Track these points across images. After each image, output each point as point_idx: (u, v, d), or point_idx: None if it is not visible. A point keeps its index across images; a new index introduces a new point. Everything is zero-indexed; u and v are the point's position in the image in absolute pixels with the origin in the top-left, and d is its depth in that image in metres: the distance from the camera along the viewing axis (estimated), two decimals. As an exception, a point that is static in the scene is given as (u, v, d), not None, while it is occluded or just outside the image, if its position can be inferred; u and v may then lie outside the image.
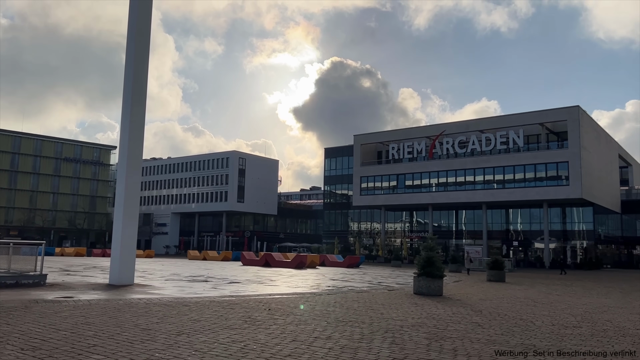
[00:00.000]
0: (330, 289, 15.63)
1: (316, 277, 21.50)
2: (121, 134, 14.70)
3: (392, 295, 13.89)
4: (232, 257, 43.71)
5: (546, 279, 27.47)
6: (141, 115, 14.76)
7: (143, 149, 14.96)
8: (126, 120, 14.47)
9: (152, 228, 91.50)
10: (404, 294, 14.16)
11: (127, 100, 14.49)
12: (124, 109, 14.62)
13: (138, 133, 14.71)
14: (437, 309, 10.84)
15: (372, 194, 65.30)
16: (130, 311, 8.86)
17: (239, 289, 14.38)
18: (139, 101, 14.69)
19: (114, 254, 14.31)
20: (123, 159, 14.47)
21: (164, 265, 30.81)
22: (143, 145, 14.92)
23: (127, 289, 13.13)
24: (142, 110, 14.79)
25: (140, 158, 14.84)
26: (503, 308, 11.59)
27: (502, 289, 17.84)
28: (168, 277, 18.77)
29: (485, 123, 57.48)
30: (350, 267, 32.93)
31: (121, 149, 14.64)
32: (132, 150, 14.47)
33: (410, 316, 9.56)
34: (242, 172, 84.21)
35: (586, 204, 53.12)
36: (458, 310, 10.74)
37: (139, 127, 14.68)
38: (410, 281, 20.66)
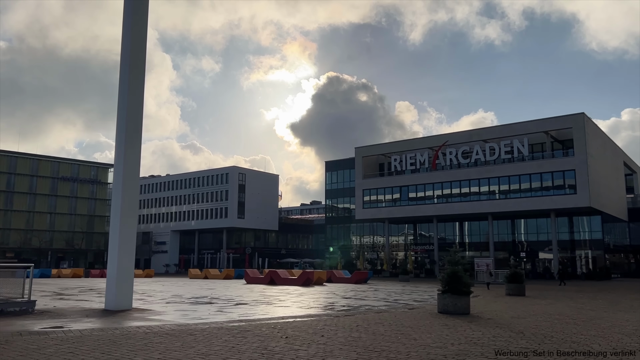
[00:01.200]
0: (346, 309, 14.38)
1: (327, 295, 20.23)
2: (117, 147, 13.59)
3: (415, 315, 12.66)
4: (234, 275, 42.30)
5: (564, 291, 26.23)
6: (137, 130, 13.72)
7: (140, 164, 13.85)
8: (121, 134, 13.40)
9: (152, 247, 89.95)
10: (428, 314, 12.94)
11: (122, 114, 13.46)
12: (118, 124, 13.59)
13: (134, 145, 13.61)
14: (473, 332, 9.63)
15: (375, 206, 64.11)
16: (127, 344, 7.64)
17: (247, 312, 13.13)
18: (135, 115, 13.67)
19: (110, 276, 13.09)
20: (119, 172, 13.35)
21: (165, 285, 29.47)
22: (140, 159, 13.83)
23: (124, 315, 11.89)
24: (138, 123, 13.78)
25: (137, 170, 13.72)
26: (544, 328, 10.38)
27: (528, 304, 16.60)
28: (169, 300, 17.50)
29: (488, 132, 56.60)
30: (358, 283, 31.62)
31: (117, 161, 13.53)
32: (129, 162, 13.36)
33: (449, 342, 8.35)
34: (242, 187, 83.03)
35: (594, 212, 52.01)
36: (497, 333, 9.52)
37: (134, 141, 13.61)
38: (426, 298, 19.43)
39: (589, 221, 54.52)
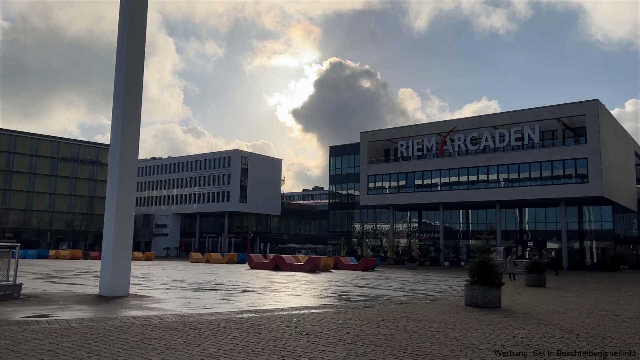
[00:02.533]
0: (364, 299, 13.18)
1: (338, 283, 19.05)
2: (113, 120, 12.30)
3: (442, 308, 11.45)
4: (237, 259, 41.20)
5: (583, 282, 25.06)
6: (136, 105, 12.47)
7: (139, 143, 12.60)
8: (119, 109, 12.12)
9: (152, 229, 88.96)
10: (454, 306, 11.72)
11: (119, 88, 12.17)
12: (115, 99, 12.30)
13: (132, 122, 12.35)
14: (517, 330, 8.41)
15: (380, 193, 62.85)
16: (120, 340, 6.42)
17: (256, 301, 11.93)
18: (133, 91, 12.42)
19: (105, 258, 11.86)
20: (115, 149, 12.08)
21: (165, 269, 28.34)
22: (139, 136, 12.58)
23: (120, 303, 10.69)
24: (137, 99, 12.54)
25: (136, 146, 12.46)
26: (594, 326, 9.16)
27: (557, 297, 15.40)
28: (170, 285, 16.31)
29: (498, 118, 55.09)
30: (366, 271, 30.46)
31: (113, 137, 12.26)
32: (126, 136, 12.10)
33: (497, 343, 7.13)
34: (244, 171, 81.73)
35: (605, 202, 50.74)
36: (546, 332, 8.29)
37: (133, 117, 12.36)
38: (444, 288, 18.25)
39: (599, 211, 53.28)
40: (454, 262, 59.43)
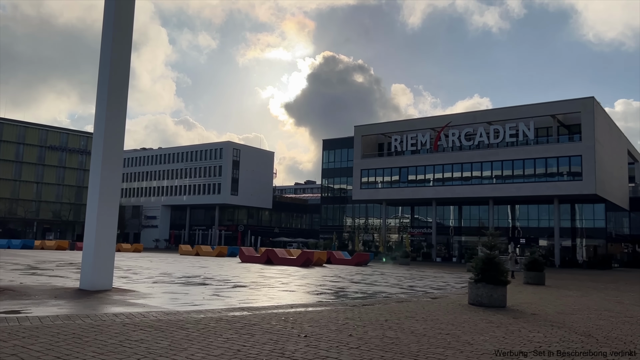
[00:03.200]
0: (362, 296, 12.51)
1: (333, 279, 18.38)
2: (97, 109, 11.50)
3: (446, 307, 10.82)
4: (227, 252, 40.42)
5: (579, 280, 24.65)
6: (121, 93, 11.72)
7: (125, 127, 11.84)
8: (103, 92, 11.31)
9: (142, 221, 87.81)
10: (458, 305, 11.10)
11: (104, 75, 11.40)
12: (100, 83, 11.48)
13: (118, 109, 11.58)
14: (531, 332, 7.79)
15: (373, 187, 62.32)
16: (95, 342, 5.69)
17: (248, 297, 11.21)
18: (118, 77, 11.68)
19: (87, 249, 11.08)
20: (100, 129, 11.28)
21: (153, 261, 27.50)
22: (125, 122, 11.81)
23: (101, 297, 9.93)
24: (121, 86, 11.77)
25: (122, 133, 11.69)
26: (609, 329, 8.57)
27: (560, 296, 14.86)
28: (157, 278, 15.54)
29: (493, 114, 54.72)
30: (359, 266, 29.85)
31: (97, 120, 11.46)
32: (111, 124, 11.31)
33: (515, 347, 6.49)
34: (236, 163, 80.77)
35: (598, 200, 50.59)
36: (562, 336, 7.68)
37: (118, 103, 11.59)
38: (442, 285, 17.68)
39: (592, 209, 53.16)
40: (446, 258, 59.16)
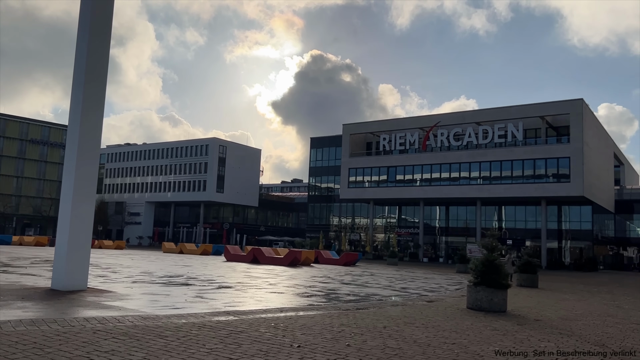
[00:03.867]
0: (355, 299, 11.85)
1: (322, 280, 17.69)
2: (73, 97, 10.67)
3: (444, 311, 10.21)
4: (212, 250, 39.50)
5: (569, 282, 24.30)
6: (99, 83, 10.90)
7: (102, 119, 11.02)
8: (80, 75, 10.48)
9: (125, 217, 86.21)
10: (457, 310, 10.51)
11: (80, 62, 10.54)
12: (76, 71, 10.62)
13: (95, 98, 10.76)
14: (539, 341, 7.21)
15: (361, 186, 61.79)
16: (58, 354, 4.94)
17: (234, 299, 10.47)
18: (96, 67, 10.83)
19: (60, 246, 10.25)
20: (75, 122, 10.46)
21: (134, 259, 26.55)
22: (103, 113, 10.99)
23: (73, 299, 9.13)
24: (99, 75, 10.94)
25: (99, 127, 10.88)
26: (620, 338, 8.03)
27: (558, 300, 14.38)
28: (137, 278, 14.70)
29: (482, 115, 54.48)
30: (348, 265, 29.24)
31: (72, 110, 10.63)
32: (87, 114, 10.49)
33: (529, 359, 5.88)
34: (222, 160, 79.63)
35: (585, 202, 50.66)
36: (573, 344, 7.10)
37: (95, 93, 10.79)
38: (434, 286, 17.11)
39: (579, 211, 53.26)
40: (433, 258, 58.90)
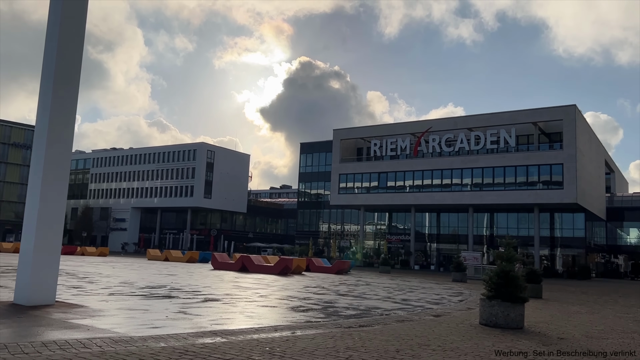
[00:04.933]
0: (355, 313, 10.72)
1: (317, 290, 16.53)
2: (41, 93, 9.55)
3: (457, 328, 9.15)
4: (198, 257, 38.12)
5: (568, 291, 23.44)
6: (71, 80, 9.76)
7: (75, 114, 9.89)
8: (49, 68, 9.37)
9: (110, 223, 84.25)
10: (470, 327, 9.45)
11: (50, 56, 9.46)
12: (44, 71, 9.53)
13: (66, 94, 9.67)
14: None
15: (352, 192, 60.84)
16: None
17: (222, 315, 9.28)
18: (69, 48, 9.69)
19: (24, 255, 9.03)
20: (44, 115, 9.33)
21: (116, 267, 25.16)
22: (75, 110, 9.87)
23: (36, 316, 7.91)
24: (74, 61, 9.69)
25: (70, 125, 9.77)
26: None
27: (570, 313, 13.41)
28: (115, 289, 13.42)
29: (474, 120, 53.88)
30: (340, 274, 28.11)
31: (41, 103, 9.50)
32: (56, 105, 9.35)
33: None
34: (210, 165, 78.22)
35: (578, 209, 50.19)
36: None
37: (68, 79, 9.66)
38: (435, 298, 16.05)
39: (571, 218, 52.77)
40: (424, 265, 58.03)
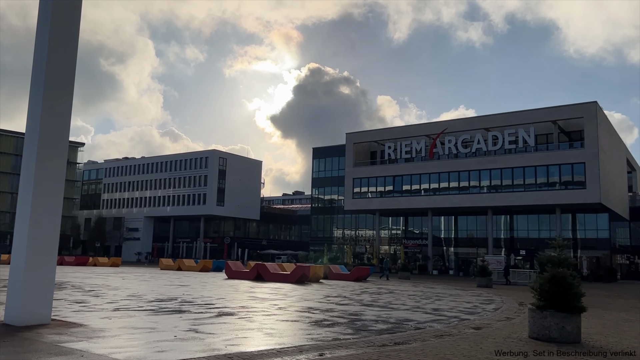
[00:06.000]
0: (386, 327, 9.56)
1: (338, 300, 15.37)
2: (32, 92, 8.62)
3: (503, 343, 7.97)
4: (212, 266, 37.14)
5: (602, 297, 22.01)
6: (62, 79, 8.80)
7: (69, 128, 8.93)
8: (40, 70, 8.44)
9: (123, 233, 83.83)
10: (520, 341, 8.27)
11: (40, 65, 8.50)
12: (34, 76, 8.58)
13: (59, 97, 8.70)
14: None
15: (366, 197, 59.61)
16: None
17: (238, 334, 8.20)
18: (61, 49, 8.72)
19: (15, 270, 8.05)
20: (34, 123, 8.41)
21: (126, 278, 24.24)
22: (69, 121, 8.92)
23: (27, 339, 6.90)
24: (65, 72, 8.74)
25: (64, 131, 8.80)
26: None
27: (620, 321, 12.12)
28: (121, 304, 12.39)
29: (491, 120, 52.44)
30: (359, 281, 26.93)
31: (31, 110, 8.58)
32: (48, 116, 8.42)
33: None
34: (222, 173, 77.51)
35: (601, 210, 48.45)
36: None
37: (60, 88, 8.58)
38: (467, 306, 14.80)
39: (595, 219, 51.01)
40: (442, 270, 56.53)
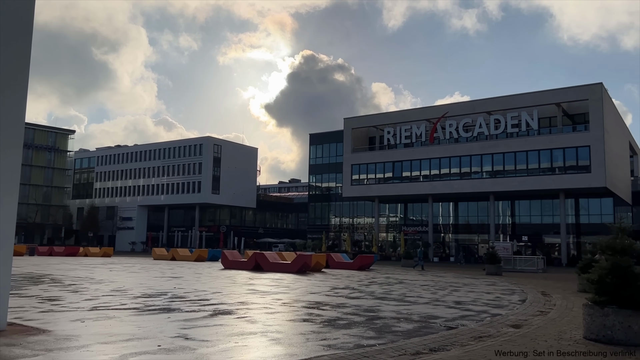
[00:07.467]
0: (411, 328, 8.12)
1: (348, 292, 13.91)
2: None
3: (558, 346, 6.57)
4: (207, 256, 35.66)
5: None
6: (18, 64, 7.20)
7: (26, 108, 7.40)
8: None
9: (116, 222, 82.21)
10: (577, 343, 6.86)
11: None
12: None
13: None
14: None
15: (364, 183, 58.21)
16: None
17: (237, 342, 6.67)
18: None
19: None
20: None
21: (114, 269, 22.71)
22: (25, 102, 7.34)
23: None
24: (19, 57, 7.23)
25: (20, 117, 7.25)
26: None
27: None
28: (101, 300, 10.83)
29: (493, 103, 50.94)
30: (363, 270, 25.57)
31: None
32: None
33: None
34: (217, 160, 75.81)
35: (606, 194, 47.29)
36: None
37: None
38: (490, 298, 13.40)
39: (599, 203, 49.87)
40: (443, 257, 55.43)
